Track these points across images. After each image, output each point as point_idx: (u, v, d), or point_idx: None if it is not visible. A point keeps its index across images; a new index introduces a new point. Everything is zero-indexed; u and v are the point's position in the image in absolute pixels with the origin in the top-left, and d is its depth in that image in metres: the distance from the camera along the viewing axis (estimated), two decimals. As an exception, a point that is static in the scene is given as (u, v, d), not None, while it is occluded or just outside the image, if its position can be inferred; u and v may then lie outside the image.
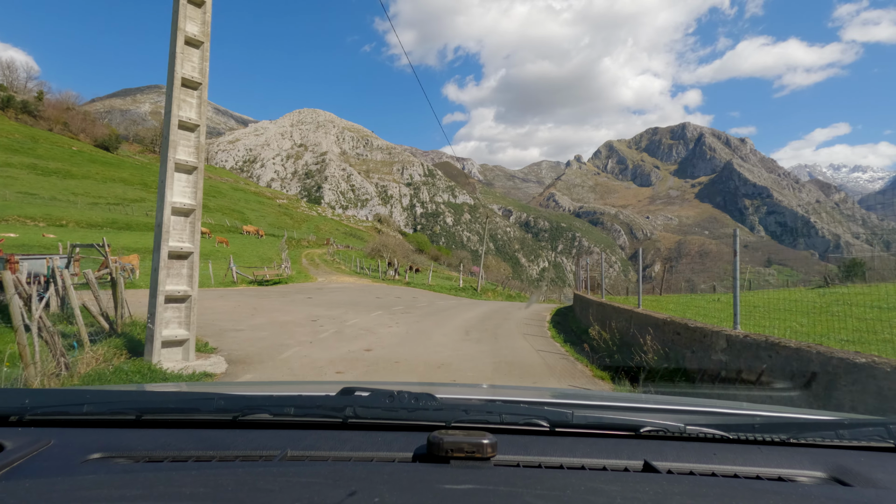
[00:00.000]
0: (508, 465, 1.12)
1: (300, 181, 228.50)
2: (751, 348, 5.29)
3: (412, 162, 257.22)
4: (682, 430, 1.27)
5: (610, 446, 1.23)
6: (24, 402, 1.28)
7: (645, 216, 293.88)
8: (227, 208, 76.09)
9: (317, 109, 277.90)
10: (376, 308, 15.39)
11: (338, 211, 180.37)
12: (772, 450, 1.25)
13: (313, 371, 7.14)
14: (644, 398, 2.06)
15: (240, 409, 1.30)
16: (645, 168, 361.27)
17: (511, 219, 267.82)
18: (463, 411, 1.26)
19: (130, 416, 1.29)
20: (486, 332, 11.93)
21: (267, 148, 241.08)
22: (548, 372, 7.71)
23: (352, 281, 31.23)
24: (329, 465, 1.08)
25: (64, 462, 1.08)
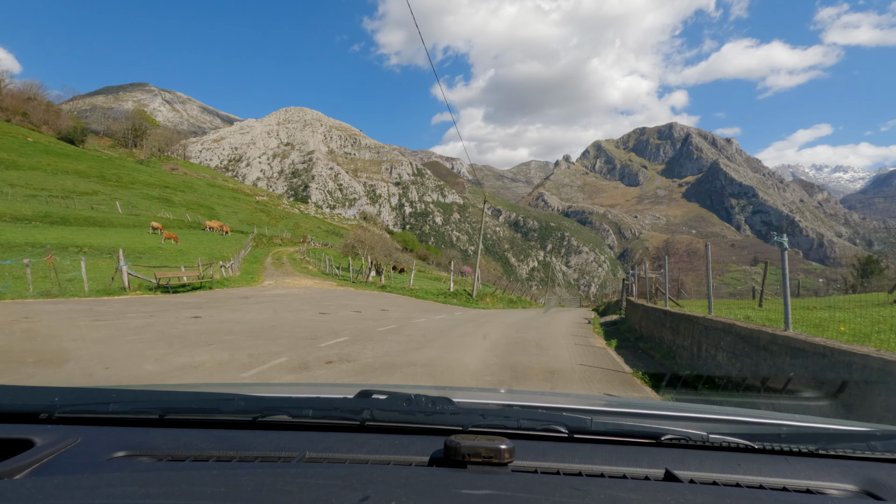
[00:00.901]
0: (526, 471, 1.09)
1: (287, 180, 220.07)
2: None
3: (401, 161, 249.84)
4: (704, 439, 1.22)
5: (630, 454, 1.19)
6: (54, 400, 1.29)
7: (633, 216, 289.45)
8: (196, 203, 68.27)
9: (304, 108, 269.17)
10: (277, 350, 7.37)
11: (325, 210, 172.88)
12: (799, 461, 1.19)
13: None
14: (665, 405, 1.98)
15: (259, 410, 1.29)
16: (633, 168, 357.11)
17: (500, 218, 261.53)
18: (480, 416, 1.24)
19: (154, 415, 1.29)
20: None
21: (253, 147, 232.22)
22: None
23: (310, 284, 24.06)
24: (347, 467, 1.06)
25: (90, 459, 1.08)
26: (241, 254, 34.53)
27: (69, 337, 7.85)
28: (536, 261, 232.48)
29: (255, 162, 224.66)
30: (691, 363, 7.56)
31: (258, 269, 31.70)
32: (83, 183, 61.03)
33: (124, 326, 9.17)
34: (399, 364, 6.91)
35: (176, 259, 26.63)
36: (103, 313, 10.95)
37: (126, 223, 45.45)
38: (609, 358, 8.61)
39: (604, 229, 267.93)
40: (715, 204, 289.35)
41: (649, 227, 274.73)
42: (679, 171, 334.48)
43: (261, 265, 34.56)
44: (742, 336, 5.89)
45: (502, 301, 26.34)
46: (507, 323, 13.32)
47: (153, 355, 6.78)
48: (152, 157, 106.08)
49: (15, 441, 1.13)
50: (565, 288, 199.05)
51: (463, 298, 22.48)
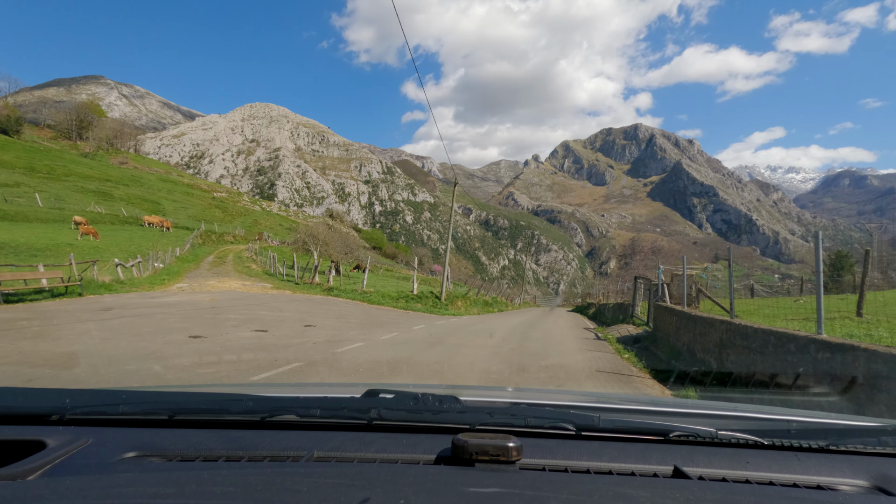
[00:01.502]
0: (534, 468, 1.08)
1: (252, 178, 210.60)
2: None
3: (370, 159, 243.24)
4: (713, 436, 1.20)
5: (638, 451, 1.17)
6: (65, 401, 1.29)
7: (600, 214, 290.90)
8: (139, 198, 61.38)
9: (270, 104, 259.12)
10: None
11: (292, 208, 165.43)
12: (809, 457, 1.17)
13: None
14: (673, 402, 1.95)
15: (267, 410, 1.28)
16: (600, 168, 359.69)
17: (471, 217, 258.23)
18: (487, 414, 1.23)
19: (163, 416, 1.29)
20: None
21: (216, 143, 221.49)
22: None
23: (237, 287, 19.00)
24: (355, 466, 1.06)
25: (101, 460, 1.08)
26: (170, 252, 28.96)
27: None
28: (507, 259, 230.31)
29: (218, 159, 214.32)
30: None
31: (187, 268, 26.30)
32: (5, 174, 53.60)
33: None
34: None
35: (86, 257, 21.35)
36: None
37: (45, 217, 39.03)
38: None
39: (572, 228, 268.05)
40: (678, 203, 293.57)
41: (616, 226, 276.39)
42: (644, 170, 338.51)
43: (195, 264, 29.12)
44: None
45: (476, 304, 21.97)
46: (493, 347, 8.78)
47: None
48: (99, 151, 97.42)
49: (27, 442, 1.13)
50: (535, 286, 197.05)
51: (429, 303, 17.92)
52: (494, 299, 31.47)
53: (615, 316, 18.01)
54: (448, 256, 21.02)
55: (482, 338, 10.33)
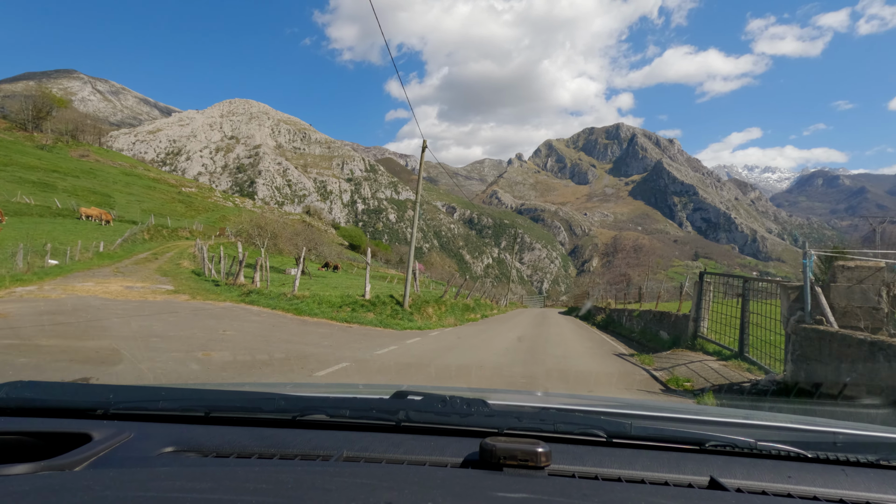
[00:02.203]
0: (563, 475, 1.04)
1: (231, 175, 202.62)
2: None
3: (353, 157, 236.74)
4: (752, 446, 1.15)
5: (672, 460, 1.12)
6: (109, 396, 1.32)
7: (583, 213, 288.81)
8: (88, 190, 54.94)
9: (249, 100, 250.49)
10: None
11: (272, 206, 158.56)
12: (858, 471, 1.10)
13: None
14: (709, 410, 1.89)
15: (299, 409, 1.29)
16: (582, 167, 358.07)
17: (455, 216, 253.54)
18: (515, 418, 1.21)
19: (200, 412, 1.31)
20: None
21: (193, 139, 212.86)
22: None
23: (111, 291, 13.42)
24: (384, 467, 1.05)
25: (142, 454, 1.10)
26: (93, 246, 23.27)
27: None
28: (491, 258, 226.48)
29: (195, 156, 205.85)
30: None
31: (98, 264, 20.80)
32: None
33: None
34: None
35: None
36: None
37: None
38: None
39: (555, 226, 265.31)
40: (659, 202, 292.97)
41: (598, 224, 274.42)
42: (625, 169, 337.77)
43: (115, 261, 23.54)
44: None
45: (453, 310, 16.88)
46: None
47: None
48: (59, 143, 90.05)
49: (75, 434, 1.16)
50: (520, 284, 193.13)
51: (386, 311, 12.69)
52: (477, 302, 26.43)
53: (652, 332, 12.77)
54: (414, 245, 15.66)
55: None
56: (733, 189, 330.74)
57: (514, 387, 6.18)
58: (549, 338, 12.75)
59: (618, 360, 8.70)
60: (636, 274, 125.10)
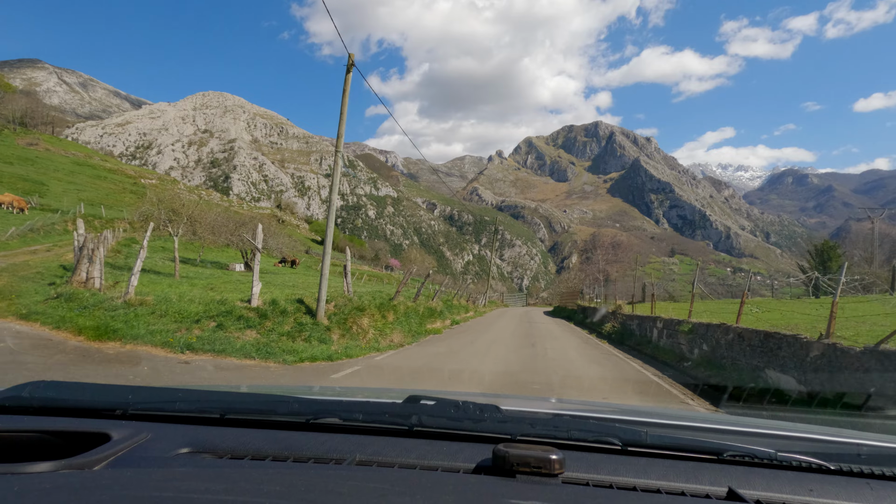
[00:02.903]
0: (577, 483, 1.01)
1: (205, 170, 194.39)
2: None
3: (332, 152, 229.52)
4: (772, 457, 1.11)
5: (689, 470, 1.09)
6: (128, 397, 1.33)
7: (562, 210, 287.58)
8: (19, 177, 48.93)
9: (224, 93, 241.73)
10: None
11: (248, 202, 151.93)
12: (884, 485, 1.05)
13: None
14: (726, 419, 1.85)
15: (312, 412, 1.29)
16: (561, 164, 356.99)
17: (435, 212, 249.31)
18: (529, 425, 1.20)
19: (215, 414, 1.31)
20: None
21: (165, 133, 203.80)
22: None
23: None
24: (396, 471, 1.04)
25: (159, 454, 1.10)
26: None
27: None
28: (471, 254, 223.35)
29: (167, 149, 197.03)
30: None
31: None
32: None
33: None
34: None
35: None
36: None
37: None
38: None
39: (535, 223, 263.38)
40: (636, 199, 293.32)
41: (577, 221, 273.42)
42: (604, 167, 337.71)
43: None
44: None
45: (408, 319, 12.53)
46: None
47: None
48: (4, 130, 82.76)
49: (94, 434, 1.17)
50: (500, 281, 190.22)
51: (282, 329, 8.06)
52: (448, 303, 21.96)
53: (747, 368, 7.40)
54: (333, 217, 9.94)
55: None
56: (708, 187, 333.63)
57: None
58: (552, 371, 8.36)
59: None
60: (614, 270, 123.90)
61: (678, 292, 54.85)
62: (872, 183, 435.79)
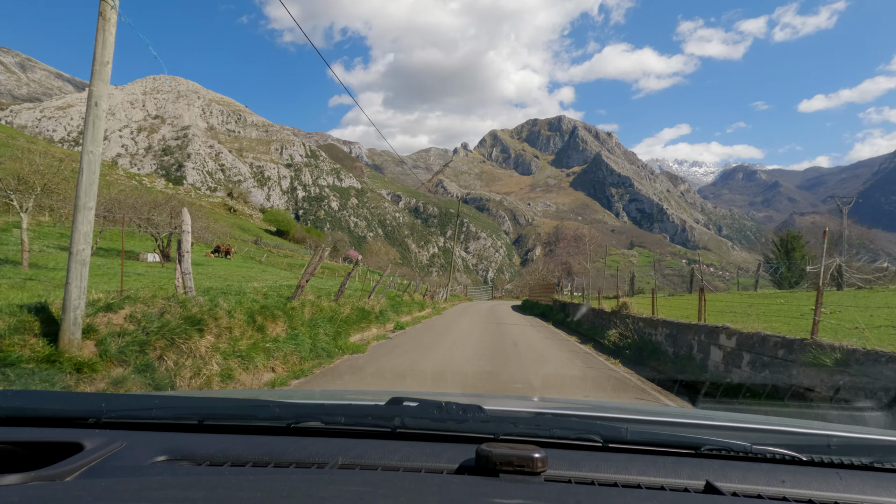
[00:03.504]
0: (560, 480, 1.03)
1: (156, 158, 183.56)
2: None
3: (292, 141, 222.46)
4: (747, 450, 1.13)
5: (668, 464, 1.12)
6: (101, 405, 1.29)
7: (527, 203, 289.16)
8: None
9: (177, 77, 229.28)
10: None
11: (203, 191, 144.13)
12: (853, 475, 1.09)
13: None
14: (704, 414, 1.89)
15: (293, 416, 1.27)
16: (526, 157, 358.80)
17: (400, 204, 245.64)
18: (511, 424, 1.20)
19: (193, 420, 1.28)
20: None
21: (112, 118, 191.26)
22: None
23: None
24: (379, 474, 1.03)
25: (134, 463, 1.07)
26: None
27: None
28: (437, 247, 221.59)
29: (114, 136, 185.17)
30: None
31: None
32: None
33: None
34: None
35: None
36: None
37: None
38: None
39: (500, 216, 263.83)
40: (598, 193, 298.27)
41: (541, 214, 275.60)
42: (567, 161, 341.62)
43: None
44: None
45: (316, 332, 8.87)
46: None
47: None
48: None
49: (66, 444, 1.13)
50: (465, 273, 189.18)
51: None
52: (398, 299, 19.07)
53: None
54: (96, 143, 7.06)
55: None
56: (665, 181, 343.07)
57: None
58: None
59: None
60: (576, 262, 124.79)
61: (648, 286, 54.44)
62: (814, 179, 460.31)
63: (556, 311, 22.84)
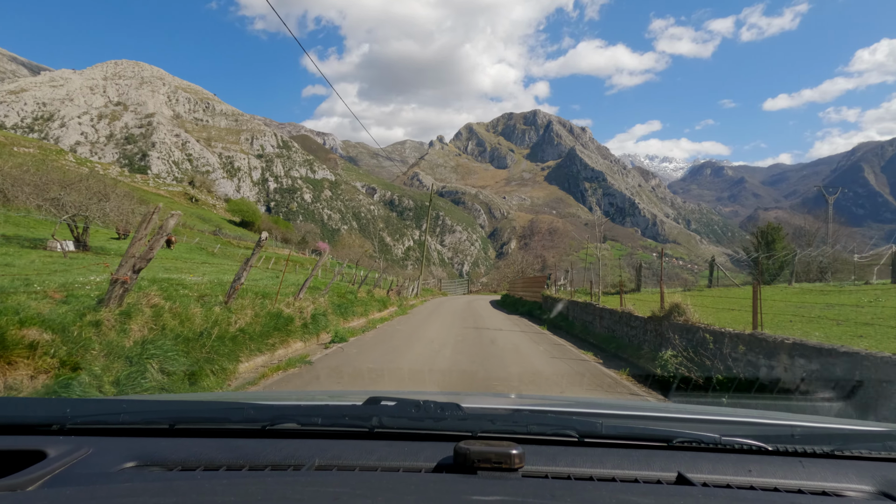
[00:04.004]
0: (537, 476, 1.04)
1: (118, 147, 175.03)
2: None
3: (263, 131, 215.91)
4: (717, 442, 1.16)
5: (642, 457, 1.14)
6: (66, 411, 1.25)
7: (502, 196, 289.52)
8: None
9: (140, 62, 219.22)
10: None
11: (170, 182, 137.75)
12: (814, 462, 1.13)
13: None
14: (676, 408, 1.92)
15: (269, 418, 1.25)
16: (501, 151, 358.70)
17: (375, 196, 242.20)
18: (489, 421, 1.20)
19: (164, 425, 1.25)
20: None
21: (69, 104, 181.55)
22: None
23: None
24: (357, 474, 1.02)
25: (101, 470, 1.04)
26: None
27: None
28: (412, 240, 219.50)
29: (72, 122, 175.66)
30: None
31: None
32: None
33: None
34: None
35: None
36: None
37: None
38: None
39: (476, 209, 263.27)
40: (572, 187, 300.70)
41: (516, 208, 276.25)
42: (542, 155, 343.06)
43: None
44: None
45: (173, 361, 5.60)
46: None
47: None
48: None
49: (28, 452, 1.09)
50: (440, 266, 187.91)
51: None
52: (350, 297, 15.94)
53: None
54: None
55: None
56: (637, 176, 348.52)
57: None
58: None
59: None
60: (551, 256, 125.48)
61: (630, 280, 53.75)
62: (777, 176, 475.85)
63: (547, 310, 19.85)
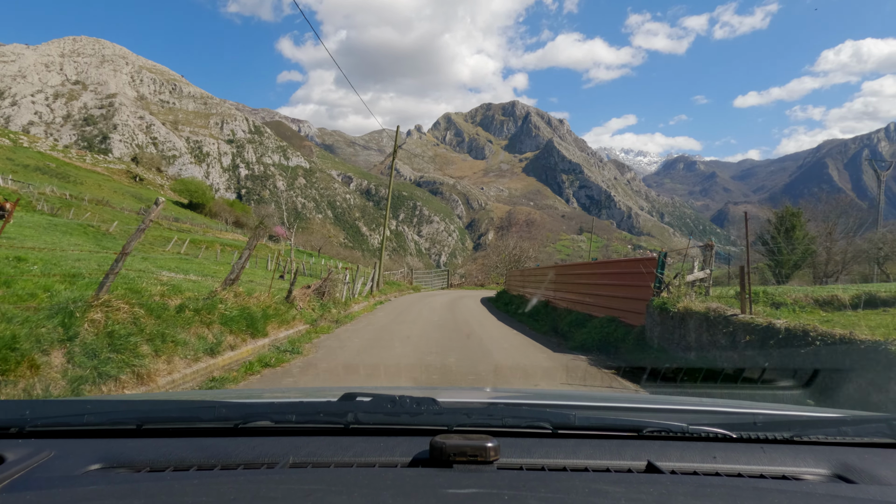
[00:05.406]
0: (511, 468, 1.05)
1: (77, 128, 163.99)
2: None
3: (234, 116, 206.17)
4: (685, 430, 1.19)
5: (613, 447, 1.15)
6: (25, 413, 1.20)
7: (480, 187, 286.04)
8: None
9: (101, 40, 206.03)
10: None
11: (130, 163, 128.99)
12: (775, 448, 1.17)
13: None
14: (646, 398, 1.93)
15: (241, 416, 1.22)
16: (480, 142, 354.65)
17: (352, 185, 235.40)
18: (465, 415, 1.20)
19: (131, 425, 1.21)
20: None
21: (22, 81, 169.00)
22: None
23: None
24: (332, 471, 1.01)
25: (64, 474, 1.00)
26: None
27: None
28: (389, 230, 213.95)
29: (25, 101, 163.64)
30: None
31: None
32: None
33: None
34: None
35: None
36: None
37: None
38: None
39: (453, 200, 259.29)
40: (549, 179, 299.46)
41: (494, 199, 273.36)
42: (520, 146, 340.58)
43: None
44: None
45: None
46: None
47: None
48: None
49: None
50: (417, 257, 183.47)
51: None
52: (261, 311, 13.26)
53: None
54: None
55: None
56: (613, 169, 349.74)
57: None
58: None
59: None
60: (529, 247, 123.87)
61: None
62: (746, 171, 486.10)
63: (542, 317, 13.65)
